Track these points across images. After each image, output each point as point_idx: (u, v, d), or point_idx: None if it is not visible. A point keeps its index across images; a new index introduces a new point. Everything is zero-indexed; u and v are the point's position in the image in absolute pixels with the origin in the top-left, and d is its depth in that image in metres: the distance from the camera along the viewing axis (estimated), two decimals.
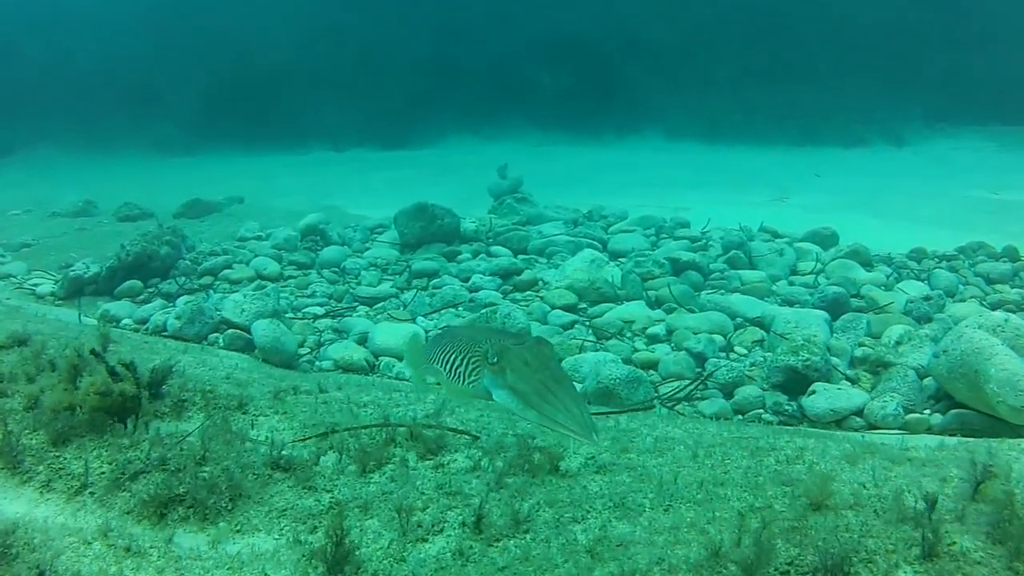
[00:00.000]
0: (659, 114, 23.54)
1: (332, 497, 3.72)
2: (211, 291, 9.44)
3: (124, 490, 3.85)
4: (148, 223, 13.25)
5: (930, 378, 5.95)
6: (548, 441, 4.16)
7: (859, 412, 5.67)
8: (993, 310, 7.99)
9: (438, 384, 3.73)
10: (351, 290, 9.22)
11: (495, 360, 3.52)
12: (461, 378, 3.69)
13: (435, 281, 9.51)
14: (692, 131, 22.55)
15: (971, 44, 21.76)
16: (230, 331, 7.54)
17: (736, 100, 22.97)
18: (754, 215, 11.87)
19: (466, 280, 9.47)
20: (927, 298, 8.14)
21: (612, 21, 25.34)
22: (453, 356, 3.61)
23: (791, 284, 9.15)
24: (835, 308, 7.78)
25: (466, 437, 4.26)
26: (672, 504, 3.50)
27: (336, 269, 10.16)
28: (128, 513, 3.73)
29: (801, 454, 4.01)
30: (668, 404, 5.94)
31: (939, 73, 21.35)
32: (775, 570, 2.89)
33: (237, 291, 8.85)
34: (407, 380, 6.50)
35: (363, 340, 7.48)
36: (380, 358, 7.09)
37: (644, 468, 3.90)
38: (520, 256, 10.28)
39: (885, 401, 5.60)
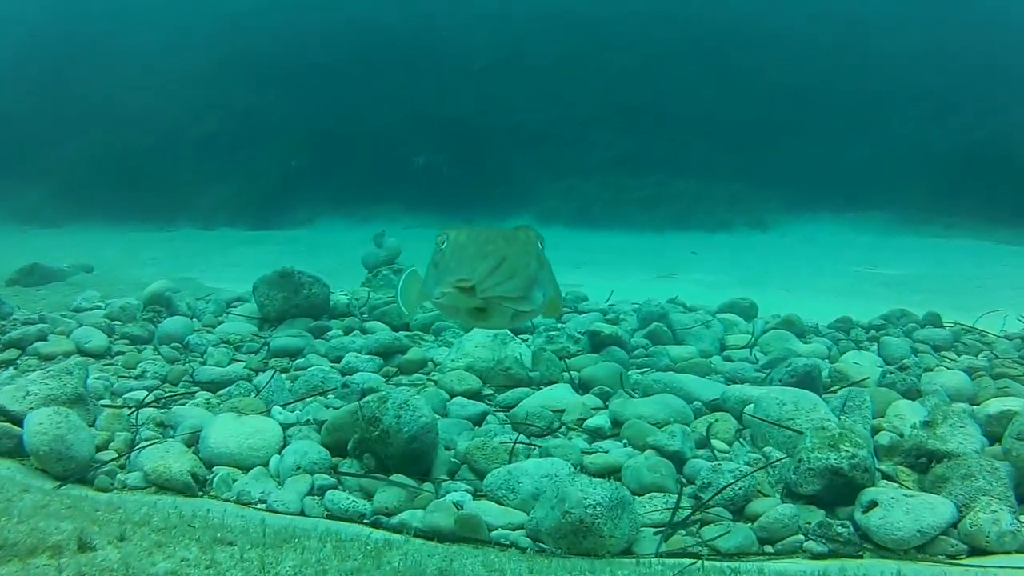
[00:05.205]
0: (531, 198, 21.77)
1: None
2: (11, 368, 6.53)
3: None
4: None
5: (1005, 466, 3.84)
6: None
7: (949, 529, 3.43)
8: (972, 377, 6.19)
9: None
10: (191, 371, 6.46)
11: (442, 246, 2.96)
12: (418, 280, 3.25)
13: (299, 361, 6.84)
14: (562, 215, 20.84)
15: (825, 137, 21.35)
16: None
17: (608, 186, 21.50)
18: (646, 291, 9.82)
19: (337, 360, 6.82)
20: (902, 367, 6.12)
21: (487, 107, 23.56)
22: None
23: (729, 360, 6.99)
24: (806, 385, 5.61)
25: None
26: None
27: (178, 345, 7.33)
28: None
29: None
30: (665, 533, 3.50)
31: (798, 163, 20.78)
32: None
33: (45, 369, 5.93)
34: (257, 504, 3.81)
35: (193, 440, 4.72)
36: (214, 469, 4.33)
37: None
38: (402, 333, 7.72)
39: (994, 512, 3.38)
